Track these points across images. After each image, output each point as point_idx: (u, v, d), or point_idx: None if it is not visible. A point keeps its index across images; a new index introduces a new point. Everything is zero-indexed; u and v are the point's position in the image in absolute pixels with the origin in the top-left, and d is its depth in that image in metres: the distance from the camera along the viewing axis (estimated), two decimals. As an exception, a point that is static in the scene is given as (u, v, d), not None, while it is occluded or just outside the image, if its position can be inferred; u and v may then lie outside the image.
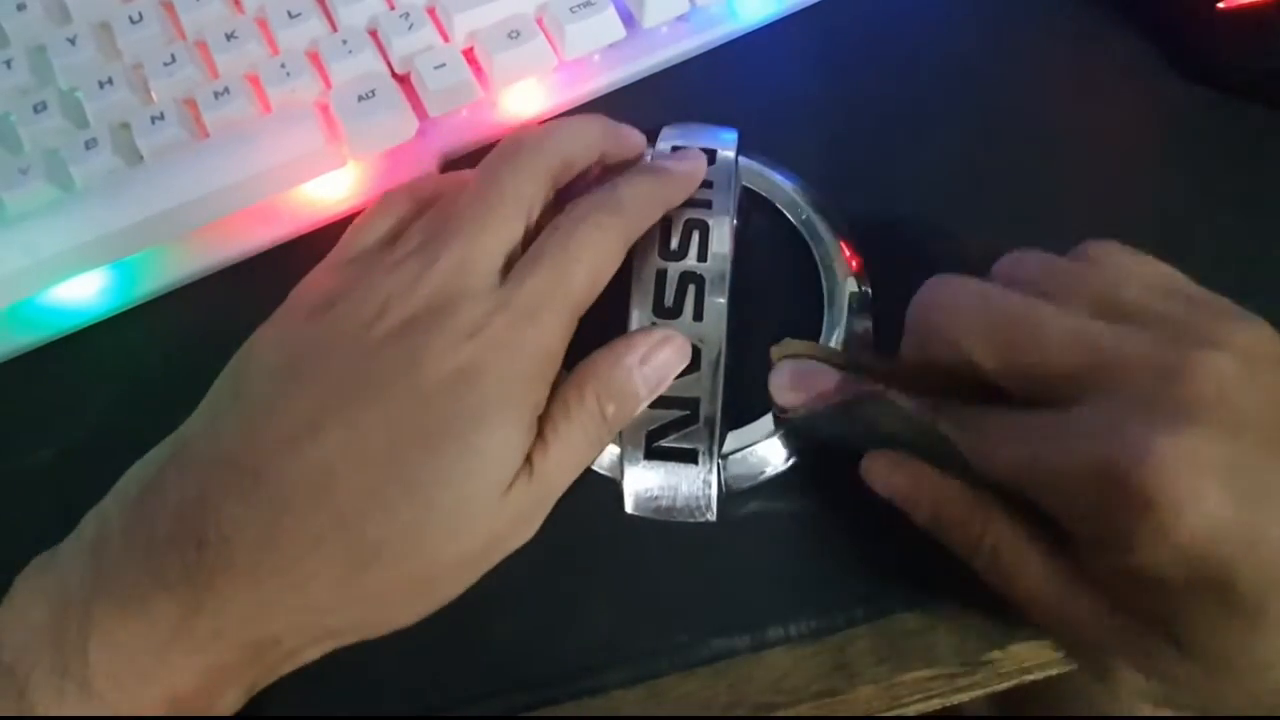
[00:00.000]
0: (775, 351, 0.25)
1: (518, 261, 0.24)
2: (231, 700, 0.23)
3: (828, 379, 0.24)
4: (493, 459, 0.22)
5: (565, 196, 0.26)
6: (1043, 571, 0.22)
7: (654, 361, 0.24)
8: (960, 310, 0.23)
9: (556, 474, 0.23)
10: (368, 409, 0.22)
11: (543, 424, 0.23)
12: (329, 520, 0.21)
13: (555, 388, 0.24)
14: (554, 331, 0.23)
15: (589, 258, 0.24)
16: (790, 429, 0.26)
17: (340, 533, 0.21)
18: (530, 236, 0.24)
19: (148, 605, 0.21)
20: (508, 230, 0.24)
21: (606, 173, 0.27)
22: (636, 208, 0.25)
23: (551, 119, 0.31)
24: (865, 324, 0.27)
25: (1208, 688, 0.21)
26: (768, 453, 0.26)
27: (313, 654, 0.23)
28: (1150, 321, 0.21)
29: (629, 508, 0.26)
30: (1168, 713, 0.22)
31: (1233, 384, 0.20)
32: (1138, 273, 0.23)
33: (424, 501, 0.21)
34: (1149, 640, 0.21)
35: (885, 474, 0.24)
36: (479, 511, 0.22)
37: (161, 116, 0.29)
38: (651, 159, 0.28)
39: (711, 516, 0.26)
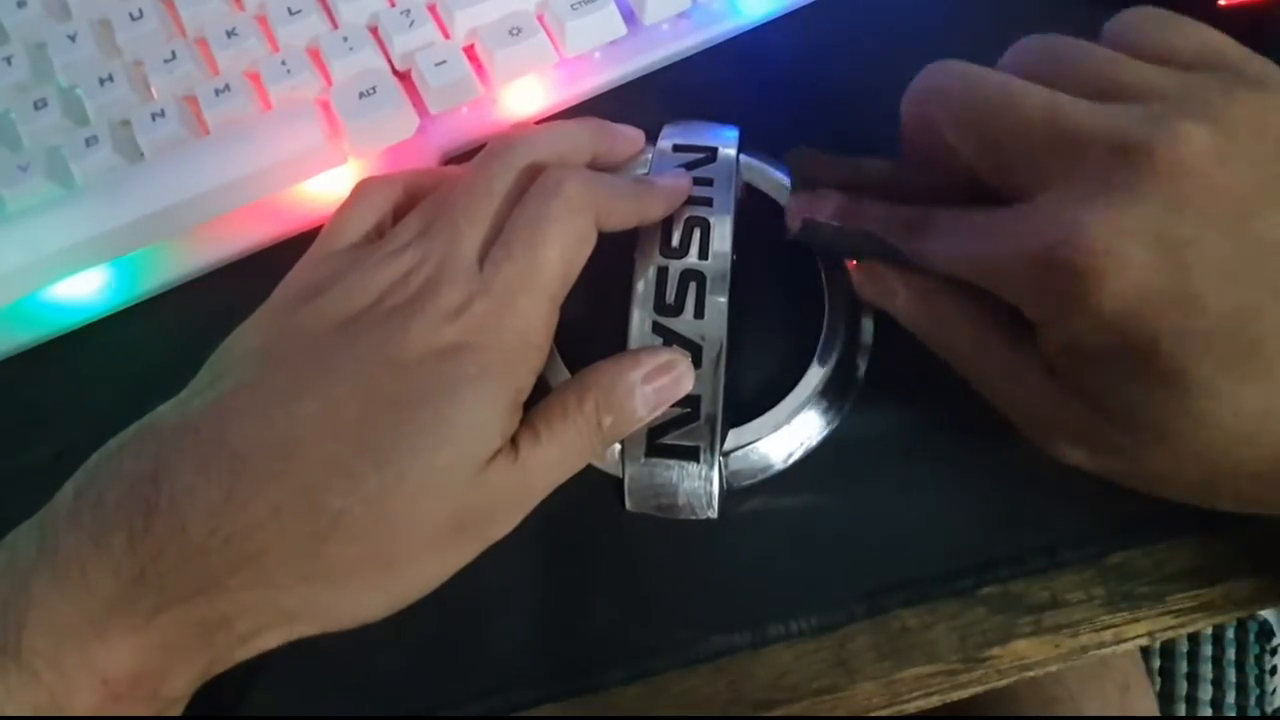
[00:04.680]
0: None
1: (494, 245, 0.24)
2: (181, 686, 0.22)
3: (829, 203, 0.25)
4: (465, 431, 0.22)
5: None
6: (996, 353, 0.23)
7: (656, 383, 0.24)
8: (943, 94, 0.23)
9: (543, 469, 0.23)
10: (343, 383, 0.22)
11: (538, 418, 0.23)
12: (290, 490, 0.21)
13: (557, 386, 0.24)
14: (531, 315, 0.23)
15: (559, 239, 0.24)
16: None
17: (300, 503, 0.21)
18: None
19: (87, 574, 0.20)
20: (494, 222, 0.24)
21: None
22: (608, 192, 0.25)
23: (551, 117, 0.31)
24: (868, 325, 0.28)
25: (1136, 456, 0.21)
26: (769, 450, 0.26)
27: (270, 641, 0.22)
28: (1146, 95, 0.21)
29: (630, 505, 0.26)
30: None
31: (1196, 154, 0.19)
32: (1156, 44, 0.22)
33: (391, 471, 0.21)
34: (1088, 413, 0.21)
35: (867, 285, 0.25)
36: (448, 485, 0.22)
37: (162, 113, 0.29)
38: (652, 156, 0.28)
39: (713, 514, 0.26)
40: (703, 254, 0.26)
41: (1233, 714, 0.65)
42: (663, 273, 0.26)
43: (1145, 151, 0.19)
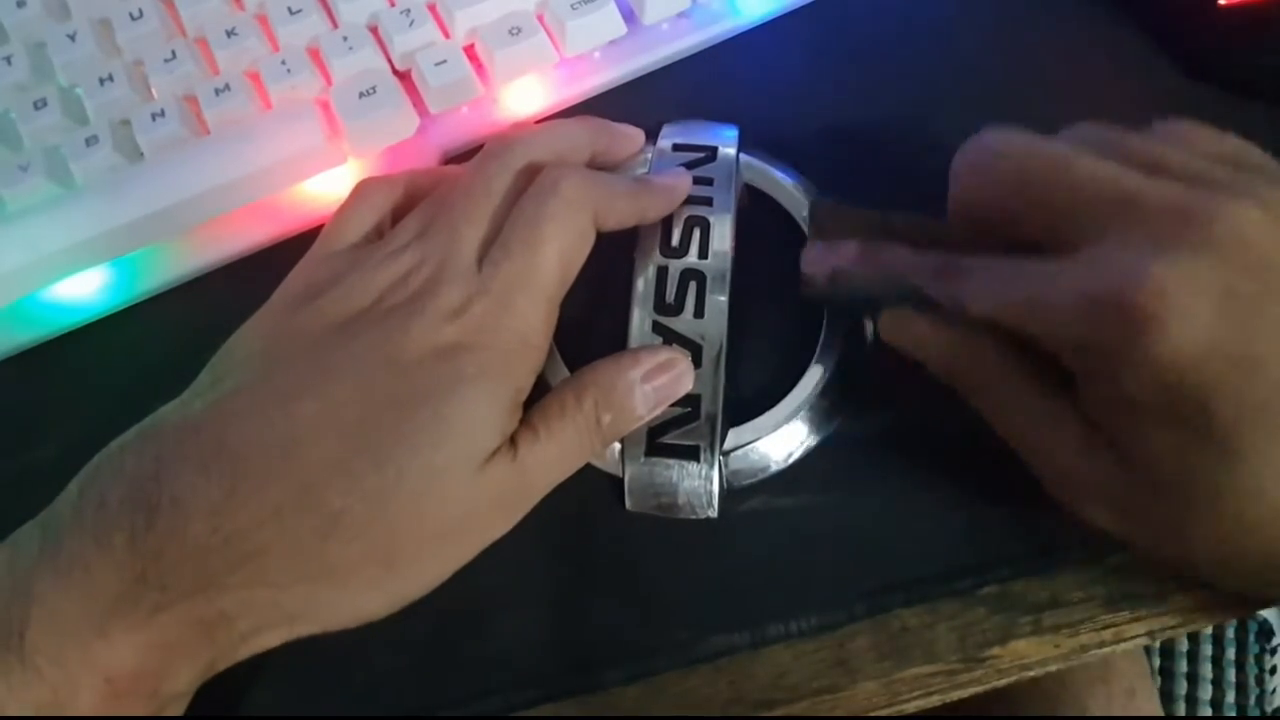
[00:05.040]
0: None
1: (493, 245, 0.24)
2: (182, 684, 0.22)
3: (847, 251, 0.25)
4: (464, 431, 0.22)
5: None
6: (1031, 404, 0.23)
7: (656, 382, 0.24)
8: (999, 156, 0.23)
9: (542, 469, 0.23)
10: (343, 383, 0.22)
11: (537, 417, 0.23)
12: (290, 489, 0.21)
13: (556, 385, 0.24)
14: (530, 315, 0.23)
15: (557, 238, 0.24)
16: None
17: (300, 502, 0.21)
18: None
19: (89, 573, 0.21)
20: (492, 222, 0.24)
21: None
22: (606, 191, 0.25)
23: (551, 117, 0.31)
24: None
25: (1172, 526, 0.21)
26: (769, 449, 0.26)
27: (271, 639, 0.22)
28: (1190, 178, 0.21)
29: (630, 504, 0.26)
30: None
31: (1254, 230, 0.19)
32: (1195, 139, 0.23)
33: (392, 469, 0.21)
34: (1124, 473, 0.21)
35: (893, 330, 0.25)
36: (447, 484, 0.22)
37: (162, 113, 0.29)
38: (652, 155, 0.28)
39: (712, 513, 0.26)
40: (703, 253, 0.26)
41: (1233, 714, 0.65)
42: (663, 272, 0.26)
43: (1206, 217, 0.20)
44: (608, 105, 0.31)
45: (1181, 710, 0.65)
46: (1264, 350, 0.19)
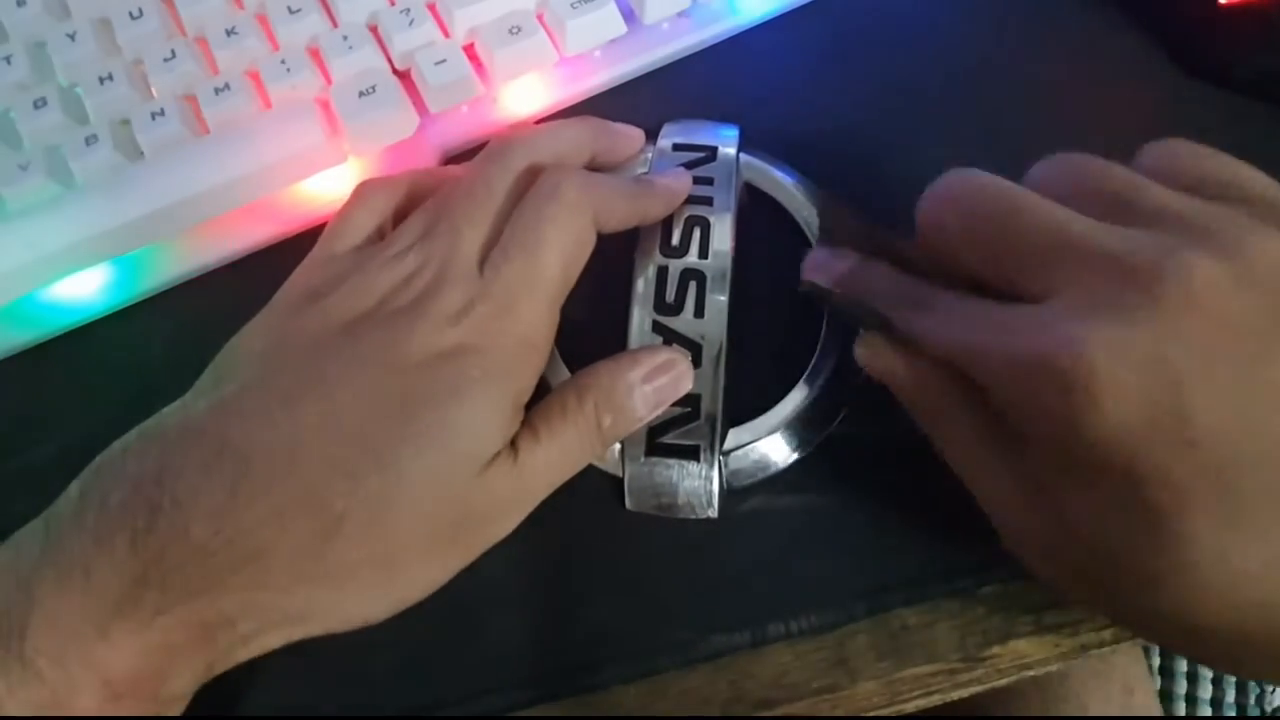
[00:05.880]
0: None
1: (494, 248, 0.24)
2: (181, 686, 0.22)
3: (844, 263, 0.25)
4: (466, 433, 0.22)
5: None
6: (979, 452, 0.22)
7: (656, 382, 0.24)
8: (954, 201, 0.22)
9: (543, 470, 0.23)
10: (346, 385, 0.22)
11: (538, 418, 0.24)
12: (292, 491, 0.21)
13: (556, 387, 0.24)
14: (531, 318, 0.23)
15: (557, 242, 0.24)
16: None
17: (303, 503, 0.21)
18: None
19: (90, 575, 0.20)
20: (494, 224, 0.24)
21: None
22: (606, 193, 0.25)
23: (551, 116, 0.31)
24: None
25: (1113, 592, 0.20)
26: (769, 449, 0.26)
27: (273, 641, 0.22)
28: (1163, 224, 0.20)
29: (630, 504, 0.26)
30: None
31: (1211, 293, 0.18)
32: (1180, 171, 0.21)
33: (393, 471, 0.21)
34: (1064, 535, 0.20)
35: (866, 356, 0.24)
36: (449, 486, 0.22)
37: (162, 112, 0.29)
38: (652, 155, 0.28)
39: (712, 513, 0.26)
40: (703, 253, 0.26)
41: (1232, 713, 0.65)
42: (663, 272, 0.26)
43: (1152, 277, 0.19)
44: (608, 105, 0.31)
45: (1181, 710, 0.65)
46: (1199, 429, 0.18)
